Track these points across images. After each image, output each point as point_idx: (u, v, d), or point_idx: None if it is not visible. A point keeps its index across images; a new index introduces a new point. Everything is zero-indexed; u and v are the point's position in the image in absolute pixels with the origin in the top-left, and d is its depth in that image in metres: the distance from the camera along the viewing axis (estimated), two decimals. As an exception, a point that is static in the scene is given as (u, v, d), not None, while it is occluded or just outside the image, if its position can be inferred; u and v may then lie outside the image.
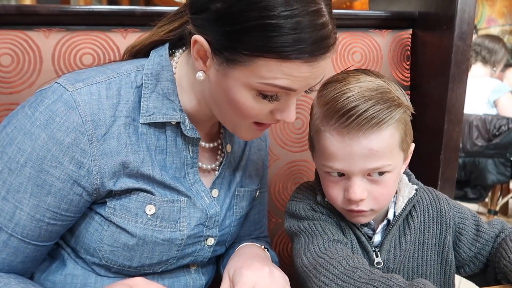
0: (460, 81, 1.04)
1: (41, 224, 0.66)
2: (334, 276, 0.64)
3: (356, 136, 0.67)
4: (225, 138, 0.82)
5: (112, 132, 0.67)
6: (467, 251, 0.80)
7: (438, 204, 0.80)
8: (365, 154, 0.67)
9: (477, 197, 2.61)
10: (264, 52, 0.58)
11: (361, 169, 0.69)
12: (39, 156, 0.63)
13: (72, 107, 0.64)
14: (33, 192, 0.64)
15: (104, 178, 0.67)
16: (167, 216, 0.72)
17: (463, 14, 1.00)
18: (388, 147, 0.69)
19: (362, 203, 0.71)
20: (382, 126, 0.67)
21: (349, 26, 1.12)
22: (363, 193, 0.70)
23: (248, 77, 0.61)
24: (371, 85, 0.69)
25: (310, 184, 0.84)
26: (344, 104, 0.67)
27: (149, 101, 0.70)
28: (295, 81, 0.62)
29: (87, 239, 0.71)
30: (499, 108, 2.57)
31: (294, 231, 0.77)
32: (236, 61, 0.61)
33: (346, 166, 0.69)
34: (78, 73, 0.69)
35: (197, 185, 0.76)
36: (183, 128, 0.72)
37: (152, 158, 0.70)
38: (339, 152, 0.69)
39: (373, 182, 0.71)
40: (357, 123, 0.66)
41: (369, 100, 0.66)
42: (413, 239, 0.77)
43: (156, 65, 0.72)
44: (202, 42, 0.63)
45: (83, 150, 0.64)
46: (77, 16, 0.94)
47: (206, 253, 0.79)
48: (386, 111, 0.66)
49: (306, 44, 0.58)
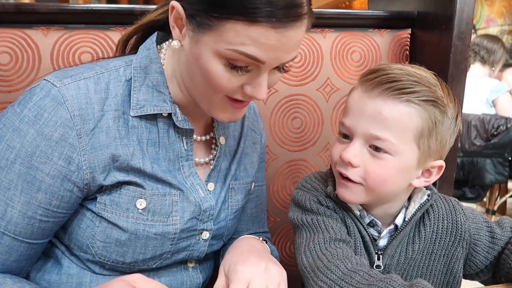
0: (459, 81, 1.04)
1: (33, 221, 0.66)
2: (332, 281, 0.62)
3: (373, 93, 0.67)
4: (217, 130, 0.81)
5: (101, 126, 0.67)
6: (483, 260, 0.78)
7: (454, 214, 0.77)
8: (373, 116, 0.66)
9: (475, 196, 2.62)
10: (232, 14, 0.58)
11: (364, 131, 0.67)
12: (28, 152, 0.63)
13: (60, 102, 0.64)
14: (24, 189, 0.64)
15: (95, 173, 0.67)
16: (159, 210, 0.71)
17: (461, 14, 1.00)
18: (400, 123, 0.66)
19: (351, 170, 0.69)
20: (401, 96, 0.65)
21: (348, 25, 1.12)
22: (355, 157, 0.68)
23: (217, 42, 0.61)
24: (423, 73, 0.68)
25: (321, 175, 0.81)
26: (383, 66, 0.68)
27: (139, 93, 0.70)
28: (262, 49, 0.60)
29: (80, 236, 0.71)
30: (498, 108, 2.57)
31: (297, 224, 0.75)
32: (206, 25, 0.61)
33: (353, 123, 0.69)
34: (67, 70, 0.70)
35: (192, 178, 0.76)
36: (175, 119, 0.72)
37: (143, 151, 0.70)
38: (353, 106, 0.69)
39: (371, 155, 0.68)
40: (379, 81, 0.66)
41: (406, 72, 0.67)
42: (421, 248, 0.75)
43: (144, 58, 0.72)
44: (178, 8, 0.64)
45: (72, 145, 0.64)
46: (76, 15, 0.94)
47: (202, 248, 0.79)
48: (411, 82, 0.65)
49: (275, 8, 0.57)
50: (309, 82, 1.08)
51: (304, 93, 1.09)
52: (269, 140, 1.08)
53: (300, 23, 0.61)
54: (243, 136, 0.87)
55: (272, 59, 0.63)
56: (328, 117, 1.12)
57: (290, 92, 1.08)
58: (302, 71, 1.08)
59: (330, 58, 1.09)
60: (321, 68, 1.09)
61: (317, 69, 1.08)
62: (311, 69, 1.08)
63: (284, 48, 0.62)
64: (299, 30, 0.62)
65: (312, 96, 1.09)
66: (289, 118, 1.09)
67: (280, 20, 0.58)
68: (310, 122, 1.11)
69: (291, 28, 0.60)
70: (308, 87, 1.09)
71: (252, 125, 0.90)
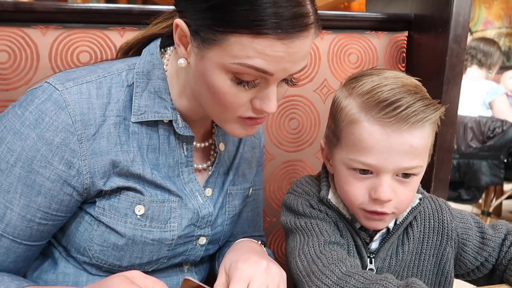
0: (454, 84, 1.05)
1: (32, 224, 0.66)
2: (327, 286, 0.62)
3: (399, 129, 0.63)
4: (217, 136, 0.81)
5: (102, 132, 0.66)
6: (472, 261, 0.78)
7: (440, 214, 0.77)
8: (404, 150, 0.64)
9: (471, 198, 2.63)
10: (237, 27, 0.57)
11: (395, 167, 0.65)
12: (28, 156, 0.63)
13: (61, 106, 0.64)
14: (23, 192, 0.64)
15: (95, 178, 0.67)
16: (157, 216, 0.71)
17: (458, 17, 1.01)
18: (426, 147, 0.66)
19: (387, 204, 0.67)
20: (425, 123, 0.64)
21: (345, 27, 1.13)
22: (392, 193, 0.66)
23: (222, 57, 0.60)
24: (410, 81, 0.67)
25: (312, 179, 0.81)
26: (389, 95, 0.63)
27: (141, 100, 0.70)
28: (269, 61, 0.59)
29: (78, 239, 0.71)
30: (494, 110, 2.59)
31: (290, 227, 0.75)
32: (211, 40, 0.60)
33: (381, 161, 0.65)
34: (69, 72, 0.69)
35: (191, 184, 0.76)
36: (176, 126, 0.72)
37: (143, 158, 0.70)
38: (377, 145, 0.64)
39: (400, 183, 0.67)
40: (405, 115, 0.62)
41: (415, 94, 0.64)
42: (411, 249, 0.75)
43: (147, 63, 0.71)
44: (182, 25, 0.63)
45: (72, 150, 0.64)
46: (74, 14, 0.94)
47: (198, 252, 0.79)
48: (431, 108, 0.64)
49: (280, 19, 0.56)
50: (306, 83, 1.09)
51: (301, 94, 1.09)
52: (266, 141, 1.08)
53: (307, 33, 0.60)
54: (242, 141, 0.87)
55: (279, 71, 0.61)
56: (324, 118, 1.12)
57: (287, 93, 1.08)
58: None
59: (327, 60, 1.10)
60: (318, 70, 1.09)
61: (314, 71, 1.09)
62: (308, 70, 1.08)
63: (292, 59, 0.61)
64: (306, 40, 0.60)
65: (309, 97, 1.10)
66: (286, 119, 1.10)
67: (286, 31, 0.57)
68: (306, 123, 1.11)
69: (297, 38, 0.59)
70: (305, 88, 1.09)
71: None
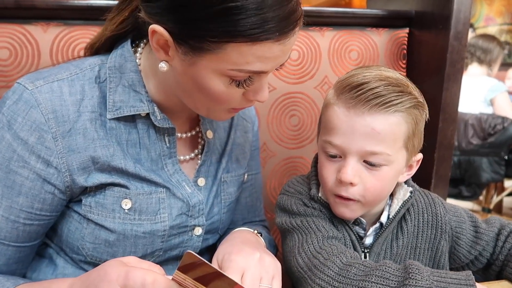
0: (455, 80, 1.05)
1: (17, 225, 0.65)
2: (330, 277, 0.63)
3: (361, 111, 0.65)
4: (204, 124, 0.80)
5: (77, 128, 0.66)
6: (466, 255, 0.79)
7: (433, 207, 0.78)
8: (366, 132, 0.66)
9: (472, 195, 2.63)
10: (233, 37, 0.56)
11: (359, 149, 0.67)
12: (5, 157, 0.63)
13: (33, 105, 0.63)
14: (4, 194, 0.64)
15: (74, 175, 0.66)
16: (145, 208, 0.71)
17: (459, 14, 1.01)
18: (392, 134, 0.67)
19: (351, 189, 0.69)
20: (389, 108, 0.65)
21: (346, 24, 1.13)
22: (355, 177, 0.68)
23: (219, 64, 0.59)
24: (392, 75, 0.68)
25: (302, 178, 0.82)
26: (358, 79, 0.66)
27: (115, 95, 0.68)
28: (267, 62, 0.60)
29: (70, 238, 0.71)
30: (495, 107, 2.58)
31: (287, 228, 0.75)
32: (204, 49, 0.58)
33: (345, 142, 0.67)
34: (40, 71, 0.69)
35: (177, 175, 0.75)
36: (153, 119, 0.70)
37: (124, 152, 0.69)
38: (342, 125, 0.67)
39: (368, 170, 0.68)
40: (365, 98, 0.65)
41: (383, 80, 0.66)
42: (405, 244, 0.76)
43: (118, 57, 0.70)
44: (161, 32, 0.59)
45: (48, 148, 0.64)
46: (75, 11, 0.94)
47: (195, 243, 0.78)
48: (396, 94, 0.65)
49: (275, 22, 0.56)
50: (306, 80, 1.09)
51: (301, 91, 1.09)
52: (266, 137, 1.09)
53: (298, 26, 0.61)
54: (233, 126, 0.86)
55: (274, 66, 0.63)
56: (325, 115, 1.12)
57: (288, 90, 1.09)
58: (300, 69, 1.08)
59: (328, 56, 1.10)
60: (319, 66, 1.09)
61: (315, 67, 1.09)
62: (309, 67, 1.08)
63: (285, 54, 0.62)
64: (297, 32, 0.62)
65: (309, 94, 1.10)
66: (287, 116, 1.10)
67: (283, 32, 0.58)
68: (307, 120, 1.11)
69: (292, 35, 0.60)
70: (306, 85, 1.09)
71: (243, 114, 0.89)
